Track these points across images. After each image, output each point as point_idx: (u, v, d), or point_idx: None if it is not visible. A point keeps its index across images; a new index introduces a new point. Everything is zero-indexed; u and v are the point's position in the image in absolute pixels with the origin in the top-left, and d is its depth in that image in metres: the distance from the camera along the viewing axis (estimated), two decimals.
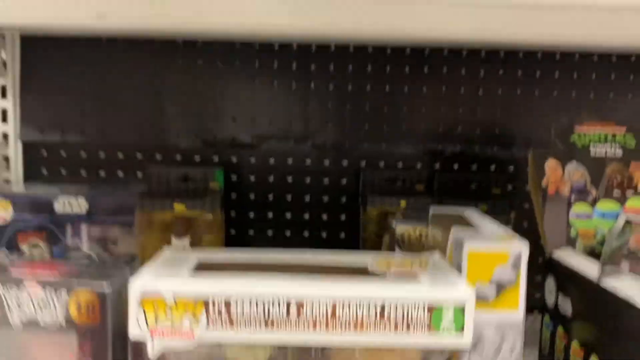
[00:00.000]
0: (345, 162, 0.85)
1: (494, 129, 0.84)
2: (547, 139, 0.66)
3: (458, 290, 0.42)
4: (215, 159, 0.85)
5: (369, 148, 0.84)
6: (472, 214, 0.64)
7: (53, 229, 0.70)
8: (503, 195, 0.78)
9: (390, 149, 0.84)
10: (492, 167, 0.84)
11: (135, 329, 0.42)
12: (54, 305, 0.47)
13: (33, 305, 0.47)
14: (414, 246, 0.59)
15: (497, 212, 0.69)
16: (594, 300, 0.51)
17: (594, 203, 0.63)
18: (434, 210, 0.63)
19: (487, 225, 0.58)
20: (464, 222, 0.59)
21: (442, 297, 0.41)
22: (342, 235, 0.87)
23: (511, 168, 0.84)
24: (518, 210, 0.80)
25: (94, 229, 0.70)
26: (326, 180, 0.86)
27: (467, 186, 0.83)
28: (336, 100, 0.83)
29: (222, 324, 0.41)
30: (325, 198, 0.87)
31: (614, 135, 0.65)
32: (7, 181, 0.87)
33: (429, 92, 0.83)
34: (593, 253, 0.60)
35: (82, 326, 0.45)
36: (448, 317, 0.41)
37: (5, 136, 0.85)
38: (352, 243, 0.85)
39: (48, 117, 0.84)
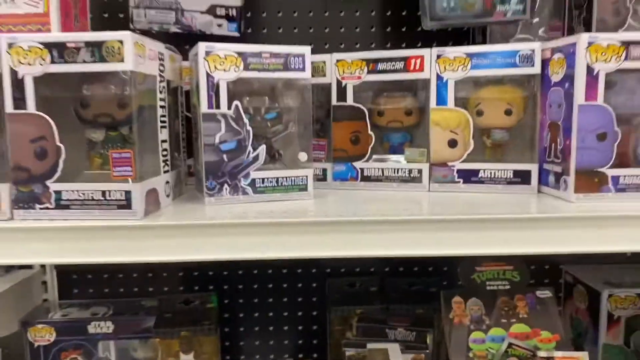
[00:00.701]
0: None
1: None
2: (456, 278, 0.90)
3: None
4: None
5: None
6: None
7: (88, 346, 0.93)
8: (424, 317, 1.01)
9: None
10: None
11: None
12: None
13: None
14: None
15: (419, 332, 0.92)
16: None
17: (487, 330, 0.86)
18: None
19: None
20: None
21: None
22: (315, 341, 1.10)
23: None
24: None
25: (120, 342, 0.93)
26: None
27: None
28: None
29: None
30: (300, 312, 1.10)
31: (504, 272, 0.89)
32: (45, 300, 1.09)
33: None
34: None
35: None
36: None
37: (43, 264, 1.09)
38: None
39: None
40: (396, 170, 0.78)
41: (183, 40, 0.99)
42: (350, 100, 0.78)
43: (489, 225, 0.62)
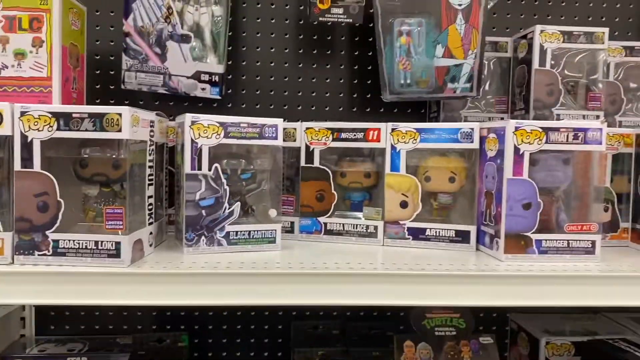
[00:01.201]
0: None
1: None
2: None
3: None
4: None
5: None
6: None
7: None
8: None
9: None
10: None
11: None
12: None
13: None
14: None
15: None
16: None
17: None
18: None
19: None
20: None
21: None
22: None
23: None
24: None
25: None
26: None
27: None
28: None
29: None
30: (266, 352, 1.17)
31: (451, 319, 0.99)
32: (23, 336, 1.14)
33: None
34: None
35: None
36: None
37: None
38: None
39: None
40: (355, 226, 0.88)
41: (169, 98, 1.09)
42: (316, 163, 0.89)
43: (432, 280, 0.72)
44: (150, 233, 0.77)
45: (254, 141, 0.79)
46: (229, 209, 0.78)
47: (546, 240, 0.76)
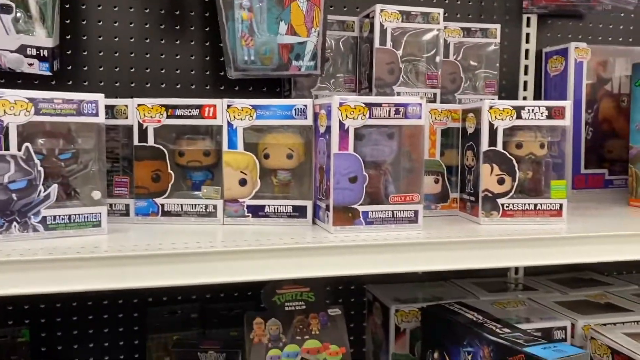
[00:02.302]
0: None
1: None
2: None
3: None
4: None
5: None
6: None
7: None
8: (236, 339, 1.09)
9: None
10: None
11: None
12: None
13: None
14: None
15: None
16: None
17: (283, 347, 0.97)
18: None
19: None
20: None
21: None
22: None
23: None
24: None
25: None
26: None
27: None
28: None
29: None
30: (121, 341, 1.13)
31: (301, 294, 1.01)
32: None
33: None
34: None
35: None
36: None
37: None
38: None
39: None
40: (194, 206, 0.86)
41: None
42: (151, 141, 0.85)
43: (266, 255, 0.72)
44: None
45: (70, 118, 0.74)
46: (44, 192, 0.72)
47: (372, 211, 0.79)
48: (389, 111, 0.78)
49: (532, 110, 0.86)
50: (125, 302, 1.14)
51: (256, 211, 0.86)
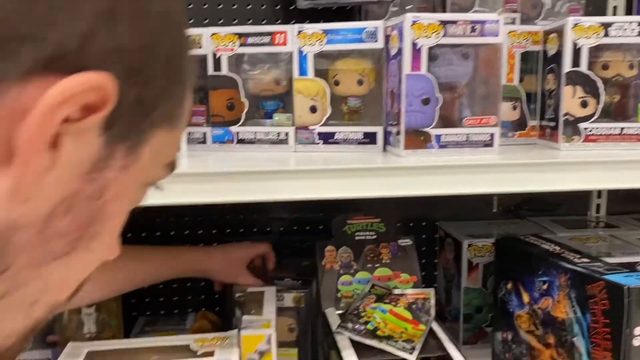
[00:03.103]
0: None
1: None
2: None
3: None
4: None
5: None
6: None
7: None
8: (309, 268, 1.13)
9: None
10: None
11: None
12: None
13: None
14: None
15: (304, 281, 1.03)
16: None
17: (354, 274, 0.99)
18: None
19: None
20: None
21: None
22: None
23: None
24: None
25: None
26: None
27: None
28: None
29: None
30: None
31: (371, 224, 1.02)
32: None
33: None
34: (346, 310, 0.94)
35: None
36: None
37: None
38: None
39: None
40: (267, 133, 0.88)
41: None
42: (225, 71, 0.87)
43: (341, 174, 0.73)
44: None
45: None
46: None
47: (445, 134, 0.78)
48: (465, 29, 0.75)
49: (622, 26, 0.80)
50: (204, 233, 1.20)
51: (327, 138, 0.86)
